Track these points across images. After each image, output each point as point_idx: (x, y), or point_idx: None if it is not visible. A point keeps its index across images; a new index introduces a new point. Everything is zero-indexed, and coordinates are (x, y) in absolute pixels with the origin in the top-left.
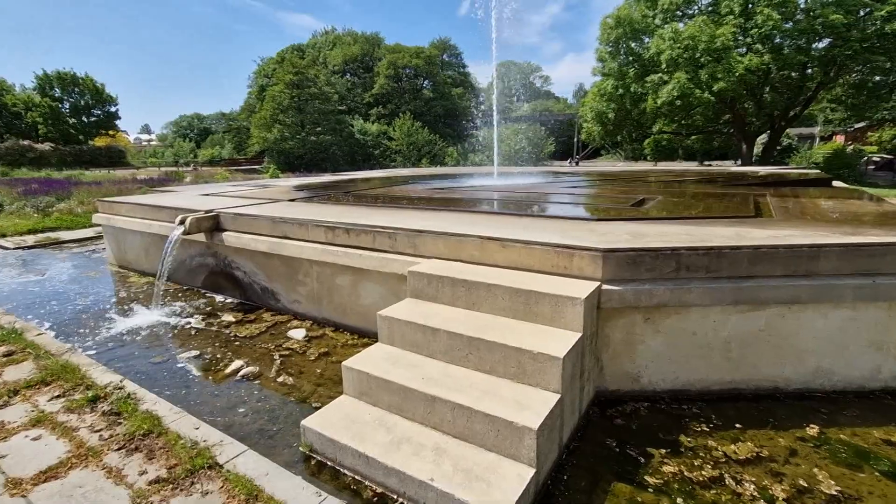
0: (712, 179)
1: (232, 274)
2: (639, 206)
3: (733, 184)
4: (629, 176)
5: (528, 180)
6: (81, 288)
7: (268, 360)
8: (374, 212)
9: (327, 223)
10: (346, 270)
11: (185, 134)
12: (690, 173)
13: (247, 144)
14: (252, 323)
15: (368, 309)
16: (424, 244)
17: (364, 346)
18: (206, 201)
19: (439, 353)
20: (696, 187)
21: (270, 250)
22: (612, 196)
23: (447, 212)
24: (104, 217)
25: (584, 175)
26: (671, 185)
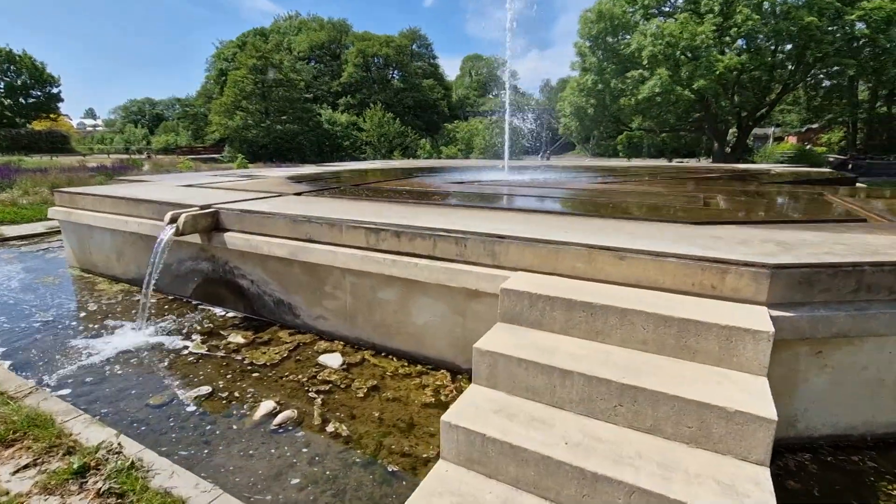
0: (739, 177)
1: (235, 283)
2: (706, 206)
3: (766, 182)
4: (640, 171)
5: (547, 175)
6: (38, 299)
7: (304, 399)
8: (411, 210)
9: (369, 224)
10: (393, 282)
11: (135, 120)
12: (701, 170)
13: (205, 132)
14: (268, 345)
15: (422, 330)
16: (506, 253)
17: (419, 375)
18: (192, 194)
19: (570, 403)
20: (739, 185)
21: (290, 256)
22: (669, 194)
23: (500, 211)
24: (63, 211)
25: (598, 170)
26: (706, 181)
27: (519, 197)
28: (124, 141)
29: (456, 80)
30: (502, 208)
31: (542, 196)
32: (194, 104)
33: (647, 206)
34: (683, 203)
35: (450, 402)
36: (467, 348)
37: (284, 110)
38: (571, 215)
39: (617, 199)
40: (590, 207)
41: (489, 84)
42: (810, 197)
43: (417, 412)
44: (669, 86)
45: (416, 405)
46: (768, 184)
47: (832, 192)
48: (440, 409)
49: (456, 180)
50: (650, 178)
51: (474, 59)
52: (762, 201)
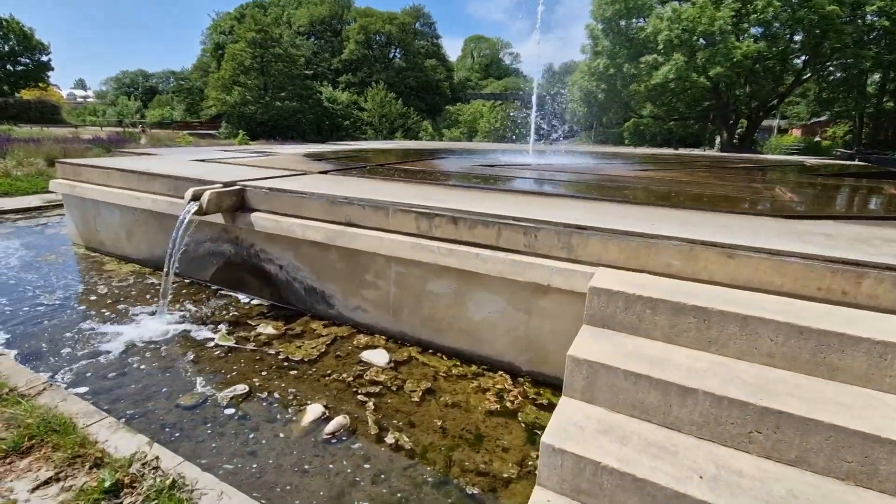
0: (776, 167)
1: (260, 268)
2: (775, 198)
3: (814, 174)
4: (666, 159)
5: (576, 161)
6: (41, 279)
7: (354, 403)
8: (458, 194)
9: (421, 209)
10: (447, 273)
11: (128, 92)
12: (730, 160)
13: (200, 107)
14: (301, 338)
15: (478, 326)
16: (585, 246)
17: (476, 376)
18: (209, 170)
19: (690, 425)
20: (792, 177)
21: (327, 241)
22: (725, 184)
23: (554, 198)
24: (66, 184)
25: (621, 157)
26: (749, 172)
27: (564, 183)
28: (117, 113)
29: (457, 62)
30: (555, 195)
31: (588, 183)
32: (190, 78)
33: (716, 197)
34: (750, 195)
35: (517, 409)
36: (530, 348)
37: (284, 86)
38: (639, 205)
39: (675, 189)
40: (653, 197)
41: (491, 66)
42: (875, 190)
43: (483, 421)
44: (685, 72)
45: (479, 412)
46: (817, 175)
47: (892, 186)
48: (507, 418)
49: (485, 163)
50: (686, 167)
51: (476, 40)
52: (829, 194)
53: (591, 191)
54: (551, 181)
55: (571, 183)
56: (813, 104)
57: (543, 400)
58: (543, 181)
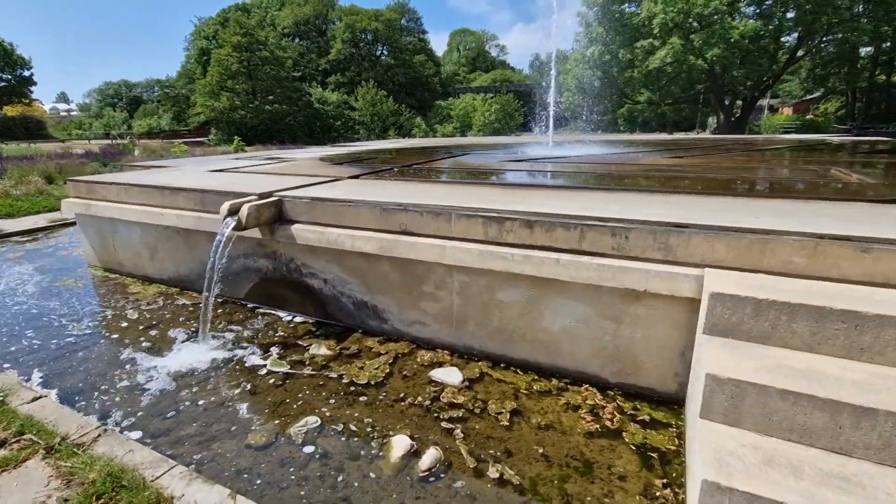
0: (811, 147)
1: (302, 283)
2: (844, 181)
3: (853, 152)
4: (684, 144)
5: (600, 150)
6: (64, 306)
7: (439, 431)
8: (512, 194)
9: (489, 213)
10: (519, 281)
11: (112, 103)
12: (756, 142)
13: (187, 115)
14: (358, 358)
15: (557, 337)
16: (687, 246)
17: (559, 391)
18: (233, 181)
19: (866, 449)
20: (836, 157)
21: (379, 251)
22: (776, 168)
23: (620, 192)
24: (81, 203)
25: (637, 143)
26: (789, 153)
27: (612, 176)
28: (103, 126)
29: (443, 56)
30: (615, 189)
31: (635, 175)
32: (175, 85)
33: (782, 182)
34: (814, 178)
35: (619, 428)
36: (619, 358)
37: (272, 90)
38: (710, 195)
39: (732, 176)
40: (717, 186)
41: (478, 59)
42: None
43: (585, 444)
44: (682, 55)
45: (577, 434)
46: (855, 153)
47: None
48: (611, 440)
49: (514, 158)
50: (716, 152)
51: (461, 33)
52: (891, 172)
53: (649, 183)
54: (597, 175)
55: (619, 176)
56: (808, 81)
57: (643, 416)
58: (589, 175)
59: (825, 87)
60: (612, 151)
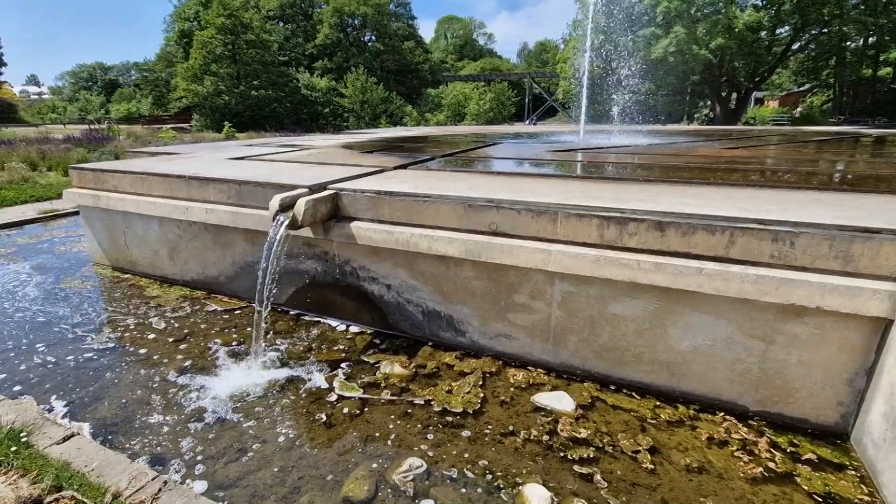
0: (854, 139)
1: (359, 288)
2: None
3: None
4: (721, 134)
5: (645, 140)
6: (75, 313)
7: (573, 476)
8: (600, 188)
9: (606, 211)
10: (642, 292)
11: (86, 87)
12: (799, 134)
13: (168, 99)
14: (439, 378)
15: (684, 357)
16: (876, 255)
17: (691, 420)
18: (268, 171)
19: None
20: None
21: (464, 255)
22: (874, 162)
23: (725, 187)
24: (88, 195)
25: (664, 133)
26: (845, 145)
27: (689, 168)
28: (79, 110)
29: (431, 44)
30: (714, 183)
31: (711, 167)
32: (154, 69)
33: (887, 176)
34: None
35: (788, 472)
36: (766, 384)
37: (258, 74)
38: (832, 191)
39: (823, 168)
40: (827, 180)
41: (466, 47)
42: None
43: (754, 494)
44: (686, 45)
45: (739, 479)
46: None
47: None
48: (783, 486)
49: (556, 147)
50: (762, 143)
51: (449, 20)
52: None
53: (739, 177)
54: (670, 166)
55: (698, 168)
56: (800, 74)
57: (807, 454)
58: (661, 167)
59: (817, 80)
60: (655, 141)
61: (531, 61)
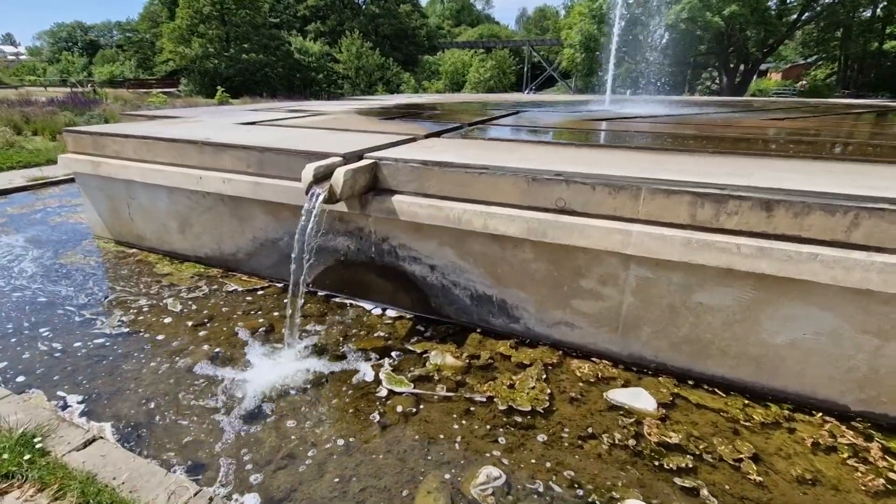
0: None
1: (397, 269)
2: None
3: None
4: (743, 105)
5: (677, 111)
6: (80, 291)
7: (672, 489)
8: (672, 159)
9: (703, 187)
10: (736, 280)
11: (66, 47)
12: (843, 106)
13: (153, 62)
14: (494, 370)
15: (779, 352)
16: None
17: (786, 420)
18: (287, 137)
19: None
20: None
21: (525, 234)
22: None
23: (801, 161)
24: (86, 161)
25: (713, 105)
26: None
27: (746, 140)
28: (60, 72)
29: (426, 8)
30: (805, 156)
31: (768, 139)
32: (138, 29)
33: None
34: None
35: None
36: (873, 383)
37: (248, 37)
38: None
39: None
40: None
41: (462, 13)
42: None
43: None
44: (698, 11)
45: (858, 492)
46: None
47: None
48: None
49: (590, 116)
50: (802, 115)
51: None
52: None
53: (808, 149)
54: (722, 138)
55: (754, 139)
56: (808, 46)
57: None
58: (709, 138)
59: (825, 52)
60: (685, 112)
61: (530, 28)
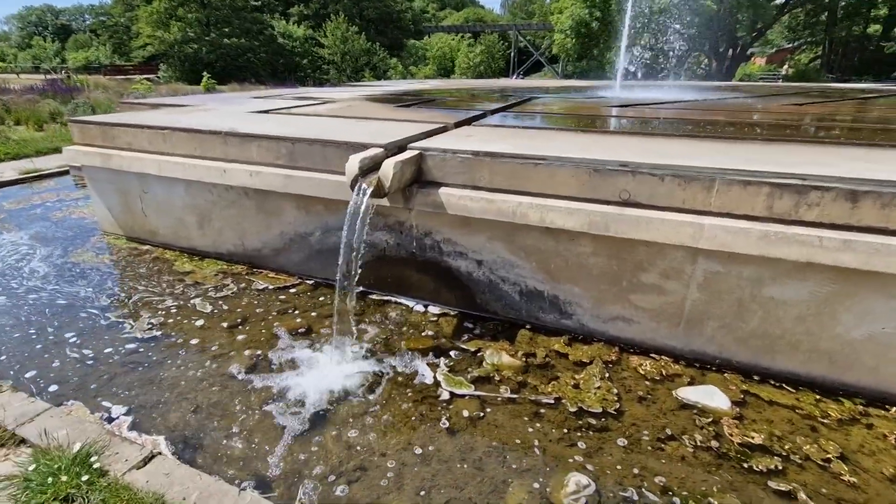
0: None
1: (441, 264)
2: None
3: None
4: (749, 90)
5: (690, 95)
6: (99, 292)
7: (766, 494)
8: (716, 147)
9: (782, 177)
10: (813, 273)
11: (37, 32)
12: (840, 91)
13: (129, 47)
14: (552, 369)
15: (854, 347)
16: None
17: (862, 416)
18: (312, 126)
19: None
20: None
21: (586, 228)
22: None
23: (855, 148)
24: (95, 153)
25: (721, 90)
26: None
27: (783, 126)
28: (32, 58)
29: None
30: (859, 144)
31: (806, 125)
32: (112, 13)
33: None
34: None
35: None
36: None
37: (229, 20)
38: None
39: None
40: None
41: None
42: None
43: None
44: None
45: None
46: None
47: None
48: None
49: (610, 103)
50: (814, 100)
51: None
52: None
53: (854, 135)
54: (758, 123)
55: (791, 125)
56: (795, 30)
57: None
58: (773, 126)
59: (811, 36)
60: (705, 97)
61: (516, 12)
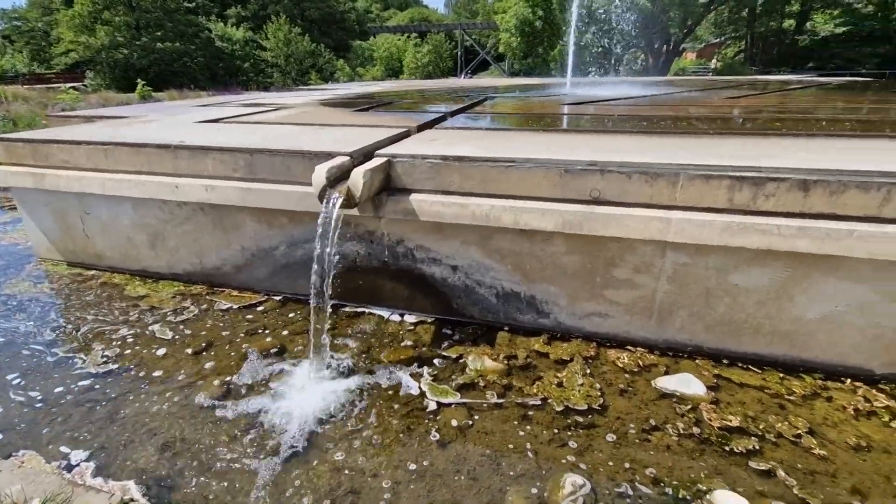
0: (857, 87)
1: (414, 272)
2: None
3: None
4: (689, 84)
5: (640, 91)
6: (42, 325)
7: (749, 474)
8: (683, 142)
9: (741, 171)
10: (772, 260)
11: None
12: (789, 82)
13: (50, 54)
14: (534, 369)
15: (810, 326)
16: None
17: (821, 390)
18: (269, 135)
19: None
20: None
21: (560, 228)
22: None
23: (807, 139)
24: (26, 173)
25: (662, 85)
26: (867, 90)
27: (747, 120)
28: None
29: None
30: (799, 134)
31: (752, 117)
32: (27, 17)
33: None
34: None
35: None
36: (894, 346)
37: (161, 24)
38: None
39: (852, 116)
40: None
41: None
42: None
43: None
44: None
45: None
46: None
47: None
48: None
49: (568, 101)
50: (750, 92)
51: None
52: None
53: (797, 126)
54: (709, 118)
55: (753, 119)
56: (720, 25)
57: None
58: (692, 119)
59: (735, 32)
60: (645, 92)
61: (460, 12)
